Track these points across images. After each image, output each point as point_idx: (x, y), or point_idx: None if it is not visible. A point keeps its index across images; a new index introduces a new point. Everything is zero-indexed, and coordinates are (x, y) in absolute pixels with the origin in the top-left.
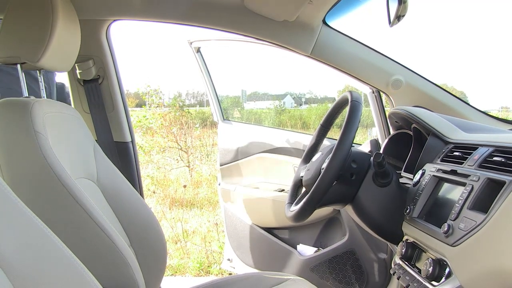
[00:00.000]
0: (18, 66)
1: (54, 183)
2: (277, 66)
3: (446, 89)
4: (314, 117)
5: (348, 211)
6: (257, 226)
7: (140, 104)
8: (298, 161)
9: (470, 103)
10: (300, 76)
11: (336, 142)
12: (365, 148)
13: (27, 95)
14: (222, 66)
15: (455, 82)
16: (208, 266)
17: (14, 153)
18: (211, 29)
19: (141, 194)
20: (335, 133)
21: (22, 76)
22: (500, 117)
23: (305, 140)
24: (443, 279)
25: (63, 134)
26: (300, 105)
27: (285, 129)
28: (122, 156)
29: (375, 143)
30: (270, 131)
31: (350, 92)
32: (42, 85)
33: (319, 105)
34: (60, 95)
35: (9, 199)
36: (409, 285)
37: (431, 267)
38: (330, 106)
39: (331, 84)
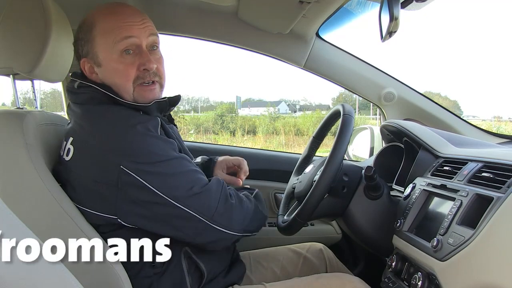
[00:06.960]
0: (11, 77)
1: (45, 195)
2: (271, 73)
3: (439, 100)
4: (308, 124)
5: (339, 224)
6: None
7: None
8: None
9: (463, 115)
10: (295, 83)
11: (327, 155)
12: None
13: (20, 107)
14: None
15: (449, 91)
16: None
17: (6, 164)
18: (205, 41)
19: None
20: (329, 140)
21: (15, 87)
22: (492, 126)
23: None
24: None
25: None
26: (295, 111)
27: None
28: None
29: None
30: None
31: (343, 105)
32: (35, 95)
33: (313, 113)
34: None
35: (1, 211)
36: None
37: (421, 281)
38: (324, 114)
39: (325, 91)
